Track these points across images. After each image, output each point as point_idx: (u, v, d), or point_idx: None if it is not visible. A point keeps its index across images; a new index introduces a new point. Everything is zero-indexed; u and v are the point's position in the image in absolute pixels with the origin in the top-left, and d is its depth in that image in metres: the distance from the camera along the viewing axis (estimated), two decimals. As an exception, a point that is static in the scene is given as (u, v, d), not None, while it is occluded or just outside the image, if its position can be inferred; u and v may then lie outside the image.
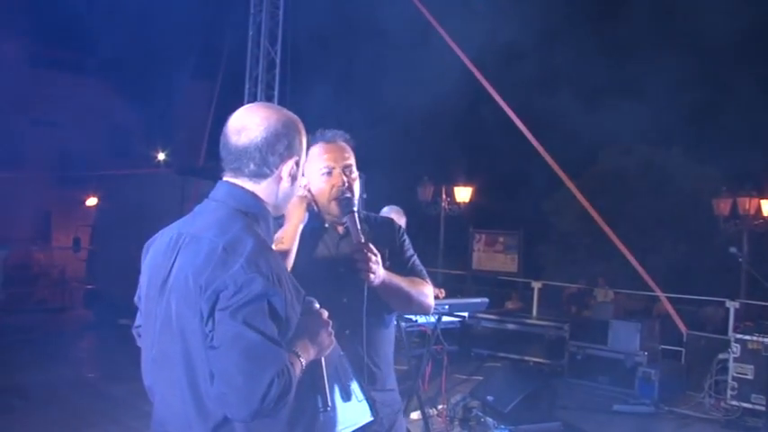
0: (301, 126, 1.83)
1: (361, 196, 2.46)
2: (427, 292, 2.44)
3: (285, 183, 1.79)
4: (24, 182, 19.49)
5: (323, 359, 1.82)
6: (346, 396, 1.94)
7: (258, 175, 1.76)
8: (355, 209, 2.29)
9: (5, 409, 6.01)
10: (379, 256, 2.20)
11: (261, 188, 1.77)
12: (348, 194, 2.31)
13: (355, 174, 2.40)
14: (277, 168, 1.77)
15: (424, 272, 2.51)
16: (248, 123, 1.75)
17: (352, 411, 1.97)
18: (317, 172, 2.36)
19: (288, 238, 2.21)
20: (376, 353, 2.37)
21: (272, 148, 1.74)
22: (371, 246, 2.19)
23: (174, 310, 1.66)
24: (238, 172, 1.76)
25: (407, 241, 2.55)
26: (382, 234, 2.47)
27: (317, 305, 1.85)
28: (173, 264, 1.69)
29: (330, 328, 1.83)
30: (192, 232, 1.71)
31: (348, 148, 2.42)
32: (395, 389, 2.49)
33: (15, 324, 10.61)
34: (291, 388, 1.58)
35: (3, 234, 17.17)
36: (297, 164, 1.81)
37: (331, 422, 1.89)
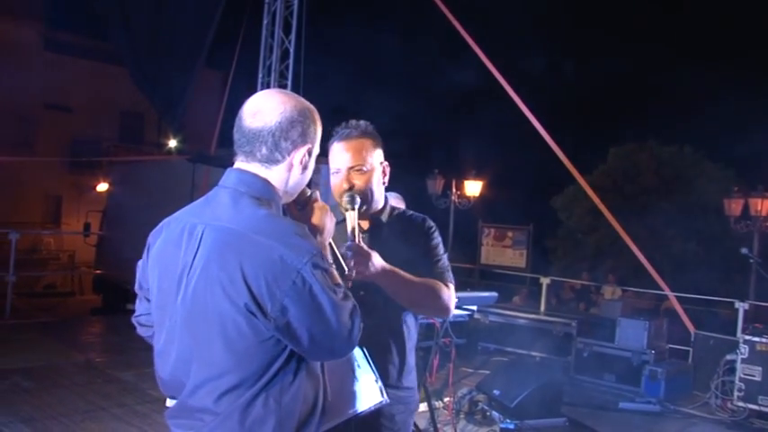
0: (317, 116, 1.83)
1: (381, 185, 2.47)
2: (443, 295, 2.39)
3: (296, 170, 1.79)
4: (36, 166, 19.61)
5: None
6: (354, 376, 1.94)
7: (270, 161, 1.75)
8: (356, 206, 2.29)
9: (14, 390, 6.06)
10: (373, 254, 2.19)
11: (272, 174, 1.76)
12: (348, 194, 2.33)
13: (368, 170, 2.40)
14: (289, 155, 1.76)
15: (448, 276, 2.47)
16: (264, 107, 1.75)
17: (365, 392, 1.96)
18: (331, 170, 2.42)
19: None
20: (387, 348, 2.37)
21: (286, 134, 1.74)
22: (362, 246, 2.20)
23: (208, 300, 1.62)
24: (250, 156, 1.75)
25: (437, 243, 2.50)
26: (411, 233, 2.48)
27: (308, 192, 1.90)
28: (195, 255, 1.66)
29: (325, 208, 1.90)
30: (207, 222, 1.68)
31: (364, 143, 2.41)
32: (412, 387, 2.47)
33: (25, 307, 10.69)
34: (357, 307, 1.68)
35: (14, 218, 17.26)
36: (309, 152, 1.80)
37: (344, 402, 1.88)
